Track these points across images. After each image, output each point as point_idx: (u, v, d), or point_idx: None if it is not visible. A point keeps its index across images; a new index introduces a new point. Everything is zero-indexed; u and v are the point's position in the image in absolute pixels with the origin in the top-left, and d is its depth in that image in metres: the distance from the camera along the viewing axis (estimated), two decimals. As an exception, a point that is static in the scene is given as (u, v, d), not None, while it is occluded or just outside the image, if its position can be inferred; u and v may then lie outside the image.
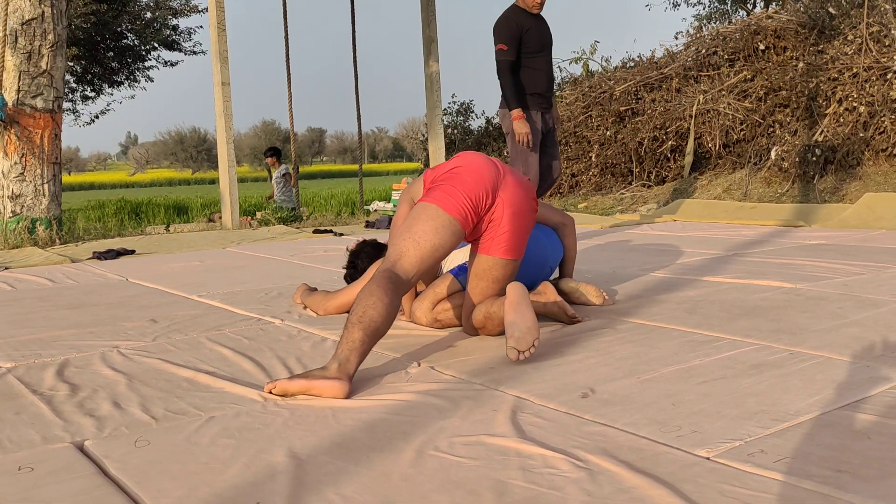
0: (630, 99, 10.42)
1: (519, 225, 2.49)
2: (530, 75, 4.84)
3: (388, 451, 1.61)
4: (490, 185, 2.44)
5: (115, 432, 1.78)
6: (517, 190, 2.50)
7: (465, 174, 2.45)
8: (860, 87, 7.93)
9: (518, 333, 2.20)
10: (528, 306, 2.26)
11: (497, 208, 2.46)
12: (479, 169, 2.46)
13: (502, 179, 2.49)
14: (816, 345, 2.32)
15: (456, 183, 2.43)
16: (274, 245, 5.97)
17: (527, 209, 2.52)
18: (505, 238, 2.47)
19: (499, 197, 2.46)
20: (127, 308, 3.38)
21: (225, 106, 7.70)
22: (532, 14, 4.80)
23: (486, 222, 2.47)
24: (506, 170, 2.54)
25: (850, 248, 4.58)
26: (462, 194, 2.40)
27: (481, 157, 2.55)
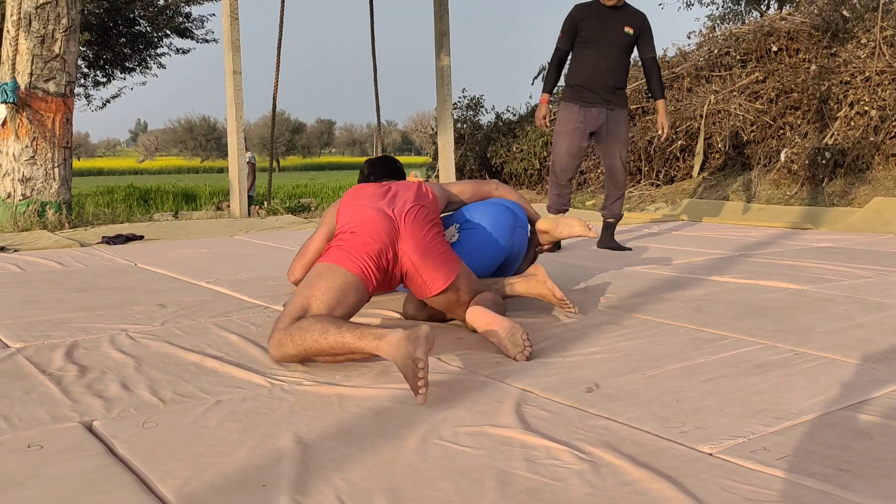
0: (641, 97, 10.40)
1: (432, 258, 2.47)
2: (575, 67, 4.85)
3: (392, 438, 1.63)
4: (389, 240, 2.44)
5: (124, 413, 1.79)
6: (415, 231, 2.47)
7: (362, 234, 2.44)
8: (872, 91, 7.91)
9: (508, 344, 2.25)
10: (496, 319, 2.31)
11: (403, 260, 2.46)
12: (374, 227, 2.45)
13: (398, 229, 2.47)
14: (821, 346, 2.33)
15: (355, 243, 2.42)
16: (282, 234, 5.99)
17: (429, 240, 2.49)
18: (430, 276, 2.48)
19: (400, 249, 2.46)
20: (135, 292, 3.40)
21: (236, 95, 7.72)
22: (606, 6, 4.74)
23: (399, 274, 2.50)
24: (398, 212, 2.50)
25: (857, 251, 4.58)
26: (366, 254, 2.40)
27: (374, 213, 2.50)
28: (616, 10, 4.75)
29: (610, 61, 4.76)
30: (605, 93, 4.77)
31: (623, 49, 4.78)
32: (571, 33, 4.79)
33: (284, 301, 3.14)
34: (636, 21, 4.77)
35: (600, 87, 4.76)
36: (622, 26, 4.72)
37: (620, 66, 4.80)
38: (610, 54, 4.75)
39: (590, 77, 4.76)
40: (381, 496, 1.34)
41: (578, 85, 4.80)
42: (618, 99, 4.82)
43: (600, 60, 4.75)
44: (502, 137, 11.86)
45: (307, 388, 1.98)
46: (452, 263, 2.53)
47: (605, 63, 4.75)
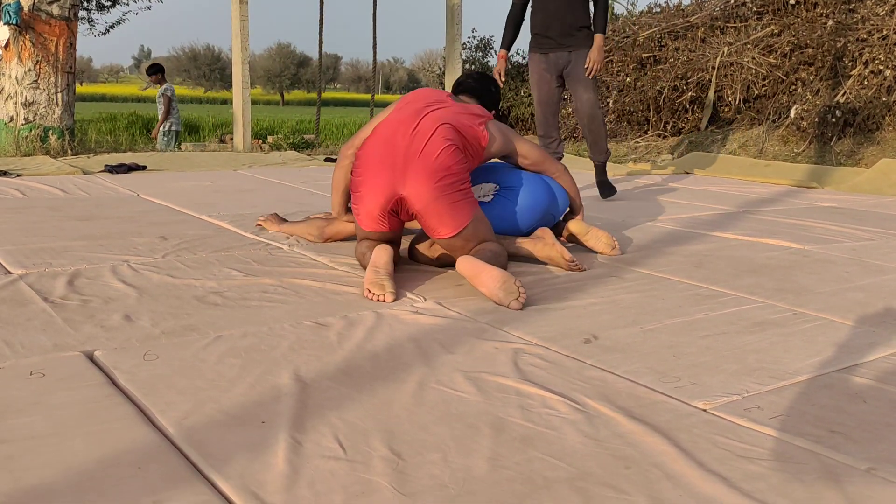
0: (653, 46, 10.24)
1: (438, 208, 2.48)
2: (531, 15, 4.80)
3: (390, 380, 1.64)
4: (387, 194, 2.51)
5: (125, 344, 1.81)
6: (418, 182, 2.47)
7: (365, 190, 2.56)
8: (889, 50, 7.78)
9: (501, 293, 2.24)
10: (485, 268, 2.30)
11: (409, 207, 2.52)
12: (373, 182, 2.53)
13: (401, 178, 2.49)
14: (820, 307, 2.34)
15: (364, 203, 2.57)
16: (285, 170, 5.96)
17: (437, 192, 2.47)
18: (435, 223, 2.51)
19: (402, 197, 2.50)
20: (137, 223, 3.40)
21: (242, 25, 7.59)
22: None
23: (409, 216, 2.59)
24: (410, 155, 2.50)
25: (861, 212, 4.57)
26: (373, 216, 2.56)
27: (379, 158, 2.55)
28: None
29: (557, 4, 4.66)
30: (561, 36, 4.69)
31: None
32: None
33: (287, 239, 3.14)
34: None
35: (555, 31, 4.69)
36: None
37: (570, 6, 4.66)
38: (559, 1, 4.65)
39: (542, 22, 4.71)
40: (378, 437, 1.36)
41: (535, 32, 4.77)
42: (575, 40, 4.69)
43: (549, 3, 4.67)
44: (511, 81, 11.71)
45: (307, 326, 1.99)
46: (466, 212, 2.52)
47: (554, 5, 4.67)
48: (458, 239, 2.52)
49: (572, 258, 2.71)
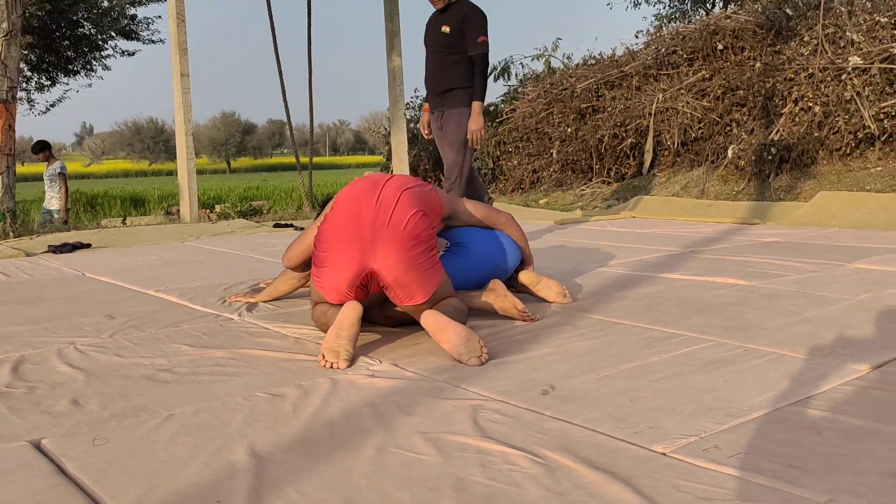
0: (591, 96, 10.51)
1: (411, 277, 2.45)
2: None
3: (348, 448, 1.62)
4: (357, 267, 2.44)
5: (74, 430, 1.75)
6: (389, 252, 2.43)
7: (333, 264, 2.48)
8: (815, 87, 8.10)
9: (463, 350, 2.23)
10: (450, 324, 2.29)
11: (380, 279, 2.46)
12: (341, 256, 2.46)
13: (370, 251, 2.43)
14: (770, 342, 2.38)
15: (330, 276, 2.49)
16: (233, 239, 5.91)
17: (409, 261, 2.44)
18: (409, 292, 2.47)
19: (374, 271, 2.45)
20: (83, 303, 3.33)
21: (184, 98, 7.60)
22: (436, 10, 4.78)
23: (379, 287, 2.51)
24: (378, 226, 2.45)
25: (803, 245, 4.69)
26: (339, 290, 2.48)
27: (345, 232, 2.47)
28: (441, 13, 4.74)
29: (433, 64, 4.78)
30: (436, 96, 4.82)
31: (441, 49, 4.71)
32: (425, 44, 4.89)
33: (237, 309, 3.10)
34: (454, 19, 4.67)
35: (431, 91, 4.85)
36: (440, 26, 4.71)
37: (442, 66, 4.73)
38: (432, 57, 4.78)
39: (426, 82, 4.88)
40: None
41: (427, 92, 4.92)
42: (445, 100, 4.77)
43: (429, 65, 4.82)
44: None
45: (261, 398, 1.95)
46: (434, 278, 2.51)
47: (431, 67, 4.80)
48: (426, 303, 2.51)
49: (524, 308, 2.73)
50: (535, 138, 10.86)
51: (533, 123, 10.89)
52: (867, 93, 7.70)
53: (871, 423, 1.66)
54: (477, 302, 2.80)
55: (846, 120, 7.77)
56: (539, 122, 10.85)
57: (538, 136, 10.84)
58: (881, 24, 8.10)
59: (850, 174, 7.52)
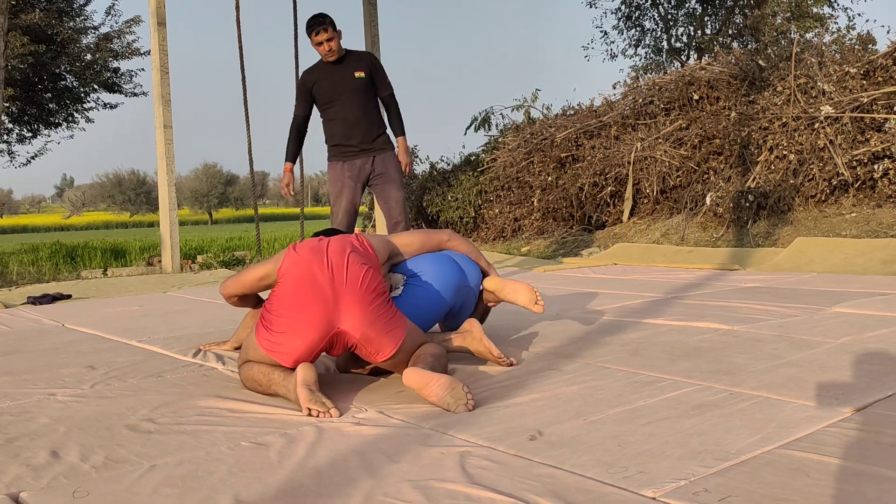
0: (570, 145, 10.64)
1: (378, 329, 2.43)
2: (328, 127, 4.91)
3: (336, 497, 1.60)
4: (322, 329, 2.39)
5: (53, 482, 1.72)
6: (354, 307, 2.41)
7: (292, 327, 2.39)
8: (790, 135, 8.26)
9: (450, 399, 2.22)
10: (432, 378, 2.25)
11: (349, 338, 2.43)
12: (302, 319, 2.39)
13: (335, 309, 2.40)
14: (755, 385, 2.39)
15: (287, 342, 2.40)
16: (216, 289, 5.88)
17: (374, 311, 2.43)
18: (379, 345, 2.44)
19: (341, 331, 2.41)
20: (63, 354, 3.29)
21: (167, 149, 7.62)
22: (330, 63, 4.81)
23: (344, 345, 2.47)
24: (337, 284, 2.42)
25: (783, 290, 4.73)
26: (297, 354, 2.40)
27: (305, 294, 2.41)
28: (342, 62, 4.80)
29: (356, 111, 4.80)
30: (364, 143, 4.84)
31: (363, 94, 4.81)
32: (307, 99, 4.89)
33: (221, 358, 3.08)
34: (363, 63, 4.82)
35: (357, 139, 4.83)
36: (353, 73, 4.77)
37: (367, 112, 4.83)
38: (354, 104, 4.80)
39: (343, 132, 4.83)
40: (326, 558, 1.31)
41: (335, 143, 4.89)
42: (378, 143, 4.87)
43: (349, 113, 4.80)
44: (437, 186, 11.96)
45: (246, 447, 1.93)
46: (399, 328, 2.48)
47: (354, 115, 4.80)
48: (398, 355, 2.49)
49: (500, 353, 2.71)
50: (517, 187, 10.95)
51: (514, 172, 10.99)
52: (840, 141, 7.86)
53: (858, 464, 1.67)
54: (452, 346, 2.77)
55: (820, 167, 7.91)
56: (520, 171, 10.96)
57: (519, 185, 10.93)
58: (850, 74, 8.31)
59: (825, 220, 7.63)
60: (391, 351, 2.45)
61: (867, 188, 7.76)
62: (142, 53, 17.78)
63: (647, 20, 20.41)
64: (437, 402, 2.24)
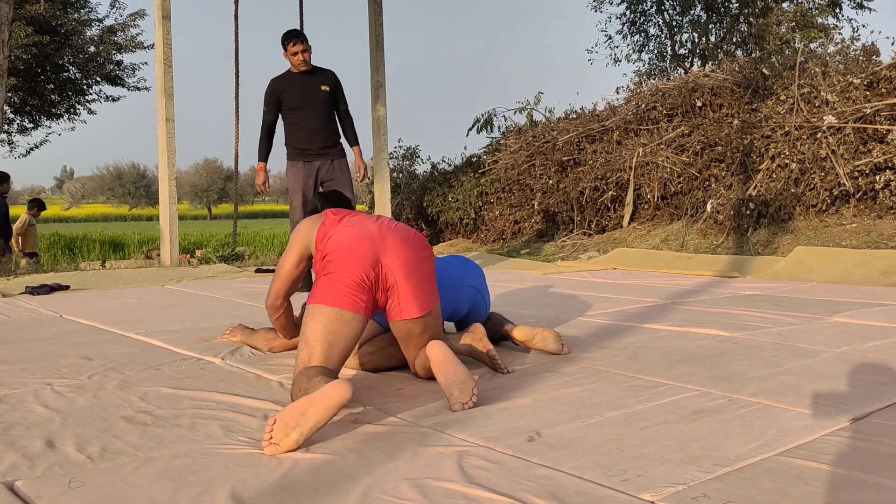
0: (572, 149, 10.65)
1: (415, 281, 2.45)
2: (291, 131, 5.42)
3: (333, 493, 1.59)
4: (369, 261, 2.40)
5: (49, 472, 1.71)
6: (400, 248, 2.46)
7: (341, 258, 2.40)
8: (792, 144, 8.26)
9: (456, 391, 2.22)
10: (454, 360, 2.28)
11: (388, 276, 2.43)
12: (352, 250, 2.41)
13: (381, 245, 2.44)
14: (753, 391, 2.38)
15: (336, 276, 2.38)
16: (214, 284, 5.87)
17: (417, 263, 2.47)
18: (409, 298, 2.44)
19: (384, 265, 2.42)
20: (61, 345, 3.28)
21: (168, 142, 7.61)
22: (299, 73, 5.37)
23: (384, 292, 2.45)
24: (384, 230, 2.49)
25: (782, 299, 4.73)
26: (347, 286, 2.36)
27: (355, 232, 2.47)
28: (310, 75, 5.38)
29: (320, 120, 5.36)
30: (322, 148, 5.37)
31: (326, 105, 5.39)
32: (275, 104, 5.40)
33: (219, 353, 3.07)
34: (329, 80, 5.43)
35: (318, 145, 5.35)
36: (320, 85, 5.36)
37: (327, 122, 5.40)
38: (317, 113, 5.35)
39: (306, 137, 5.35)
40: (323, 554, 1.30)
41: (296, 146, 5.38)
42: (335, 150, 5.43)
43: (312, 121, 5.34)
44: (438, 187, 11.96)
45: (243, 441, 1.92)
46: (434, 296, 2.51)
47: (317, 123, 5.35)
48: (419, 323, 2.47)
49: (500, 362, 2.70)
50: (517, 189, 10.95)
51: (515, 175, 10.99)
52: (842, 151, 7.87)
53: (857, 473, 1.66)
54: (456, 345, 2.77)
55: (822, 177, 7.91)
56: (521, 174, 10.95)
57: (520, 188, 10.93)
58: (854, 84, 8.31)
59: (826, 230, 7.63)
60: (418, 313, 2.45)
61: (868, 199, 7.76)
62: (145, 47, 17.76)
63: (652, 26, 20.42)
64: (444, 385, 2.23)
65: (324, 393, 1.91)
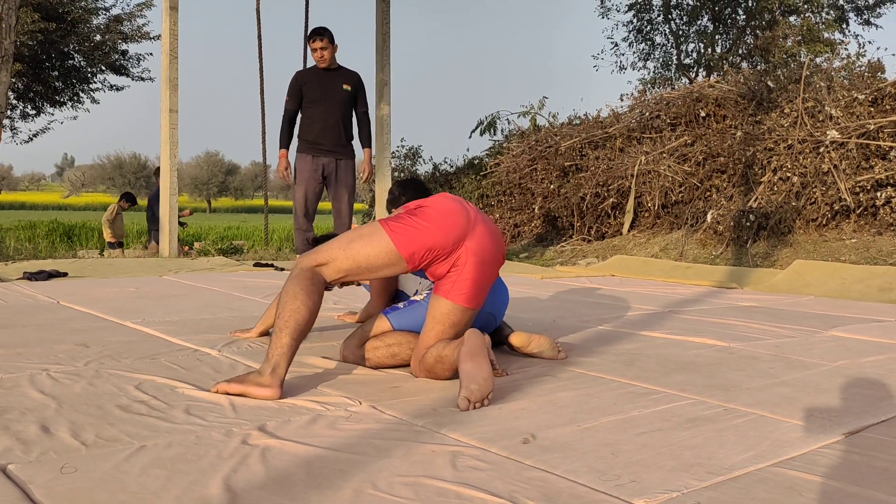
0: (575, 155, 10.65)
1: (482, 274, 2.50)
2: (306, 123, 5.54)
3: (325, 488, 1.59)
4: (456, 235, 2.45)
5: (42, 457, 1.71)
6: (485, 240, 2.51)
7: (433, 218, 2.45)
8: (794, 158, 8.27)
9: (474, 385, 2.21)
10: (486, 357, 2.29)
11: (462, 255, 2.46)
12: (446, 215, 2.46)
13: (472, 228, 2.49)
14: (749, 402, 2.38)
15: (421, 223, 2.43)
16: (212, 276, 5.86)
17: (492, 260, 2.54)
18: (467, 286, 2.48)
19: (464, 245, 2.46)
20: (58, 331, 3.27)
21: (171, 133, 7.61)
22: (322, 69, 5.49)
23: (450, 265, 2.47)
24: (478, 218, 2.54)
25: (780, 311, 4.73)
26: (422, 237, 2.40)
27: (455, 204, 2.53)
28: (333, 72, 5.48)
29: (336, 116, 5.44)
30: (334, 145, 5.45)
31: (345, 104, 5.48)
32: (297, 95, 5.50)
33: (216, 344, 3.06)
34: (352, 80, 5.52)
35: (329, 140, 5.42)
36: (341, 85, 5.43)
37: (344, 120, 5.49)
38: (335, 111, 5.43)
39: (319, 131, 5.43)
40: (314, 548, 1.30)
41: (308, 139, 5.45)
42: (345, 150, 5.51)
43: (328, 117, 5.42)
44: (439, 188, 11.96)
45: (237, 433, 1.92)
46: (482, 298, 2.55)
47: (333, 119, 5.45)
48: (458, 311, 2.50)
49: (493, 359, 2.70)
50: (518, 193, 10.95)
51: (516, 178, 10.99)
52: (844, 166, 7.87)
53: (851, 486, 1.66)
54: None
55: (823, 191, 7.92)
56: (522, 178, 10.96)
57: (521, 192, 10.94)
58: (859, 100, 8.32)
59: (825, 244, 7.63)
60: (466, 303, 2.48)
61: (868, 215, 7.77)
62: (151, 37, 17.76)
63: (658, 35, 20.46)
64: (463, 377, 2.24)
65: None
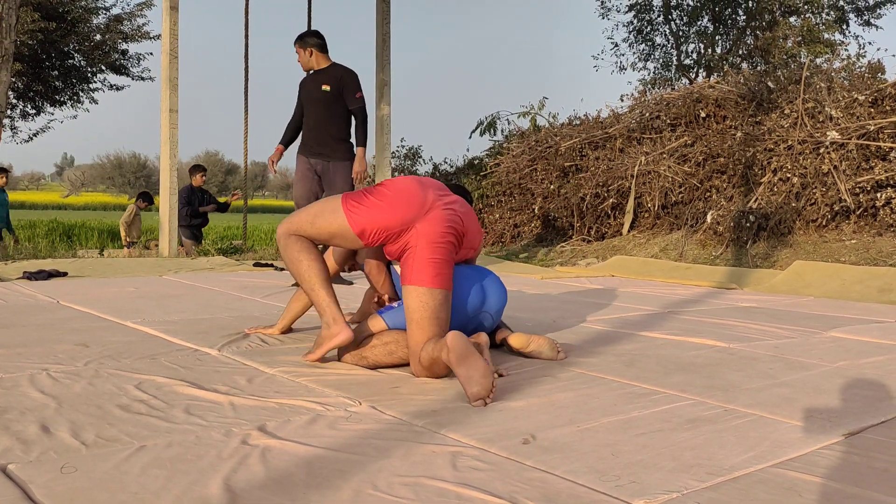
0: (575, 155, 10.65)
1: (436, 254, 2.57)
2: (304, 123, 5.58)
3: (325, 488, 1.59)
4: (405, 216, 2.58)
5: (42, 457, 1.71)
6: (437, 226, 2.59)
7: (387, 197, 2.61)
8: (794, 159, 8.27)
9: (476, 387, 2.22)
10: (475, 354, 2.29)
11: (412, 237, 2.58)
12: (399, 196, 2.60)
13: (424, 212, 2.60)
14: (749, 403, 2.38)
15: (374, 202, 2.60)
16: (212, 276, 5.86)
17: (443, 241, 2.60)
18: (427, 265, 2.55)
19: (415, 227, 2.58)
20: (58, 331, 3.27)
21: (171, 133, 7.61)
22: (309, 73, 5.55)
23: (401, 246, 2.61)
24: (437, 204, 2.63)
25: (780, 312, 4.73)
26: (373, 216, 2.58)
27: (413, 185, 2.65)
28: (318, 73, 5.45)
29: (316, 118, 5.42)
30: (318, 146, 5.44)
31: (323, 106, 5.39)
32: (298, 99, 5.58)
33: (216, 344, 3.06)
34: (333, 78, 5.39)
35: (313, 142, 5.44)
36: (320, 86, 5.39)
37: (325, 121, 5.42)
38: (315, 112, 5.42)
39: (306, 133, 5.49)
40: (314, 548, 1.30)
41: (302, 141, 5.52)
42: (330, 151, 5.44)
43: (310, 119, 5.46)
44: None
45: (237, 433, 1.92)
46: (447, 281, 2.59)
47: (313, 121, 5.44)
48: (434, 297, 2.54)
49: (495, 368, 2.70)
50: (518, 193, 10.96)
51: (516, 179, 11.00)
52: (844, 167, 7.87)
53: (851, 487, 1.66)
54: None
55: (823, 192, 7.92)
56: (522, 178, 10.96)
57: (521, 192, 10.94)
58: (859, 101, 8.32)
59: (825, 245, 7.63)
60: (432, 283, 2.54)
61: (868, 216, 7.77)
62: (152, 37, 17.75)
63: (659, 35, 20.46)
64: (462, 381, 2.25)
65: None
